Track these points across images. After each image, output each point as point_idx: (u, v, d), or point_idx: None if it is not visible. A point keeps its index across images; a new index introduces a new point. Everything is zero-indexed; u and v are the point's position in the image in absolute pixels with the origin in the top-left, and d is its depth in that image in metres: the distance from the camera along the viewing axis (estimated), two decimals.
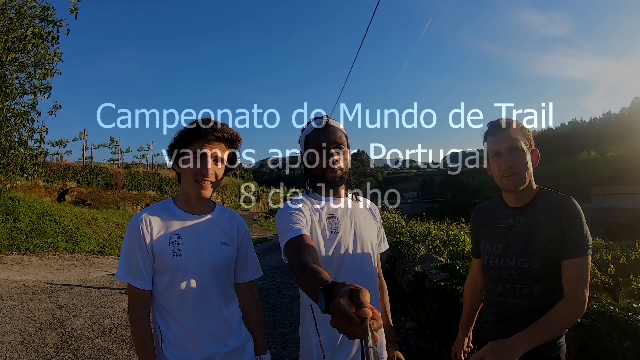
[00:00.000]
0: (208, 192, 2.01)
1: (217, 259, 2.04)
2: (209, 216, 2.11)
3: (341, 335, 1.91)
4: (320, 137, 2.09)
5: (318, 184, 2.16)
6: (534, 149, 2.16)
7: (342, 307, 1.00)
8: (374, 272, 2.18)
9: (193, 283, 1.95)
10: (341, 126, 2.17)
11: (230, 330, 2.07)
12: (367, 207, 2.34)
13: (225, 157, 2.06)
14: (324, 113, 2.26)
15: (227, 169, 2.12)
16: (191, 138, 1.98)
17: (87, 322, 6.33)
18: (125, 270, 1.93)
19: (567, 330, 2.01)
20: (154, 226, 1.96)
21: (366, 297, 1.03)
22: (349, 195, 2.27)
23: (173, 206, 2.07)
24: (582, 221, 1.96)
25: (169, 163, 2.13)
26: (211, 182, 2.00)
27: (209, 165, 1.97)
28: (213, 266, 2.01)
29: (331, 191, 2.16)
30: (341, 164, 2.09)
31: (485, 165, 2.25)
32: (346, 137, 2.16)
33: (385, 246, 2.43)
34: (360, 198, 2.33)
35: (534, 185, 2.16)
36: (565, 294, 1.93)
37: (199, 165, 1.96)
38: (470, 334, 2.50)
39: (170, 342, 1.95)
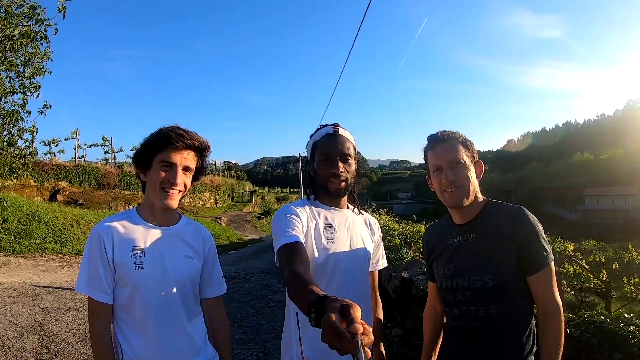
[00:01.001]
0: (175, 202, 1.93)
1: (181, 272, 1.94)
2: (173, 228, 2.02)
3: (326, 348, 1.88)
4: (329, 146, 2.06)
5: (321, 193, 2.12)
6: (477, 160, 2.06)
7: (333, 322, 0.97)
8: (366, 287, 2.14)
9: (155, 297, 1.85)
10: (351, 137, 2.13)
11: (195, 347, 1.96)
12: (368, 222, 2.30)
13: (194, 166, 1.97)
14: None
15: (194, 178, 2.03)
16: (160, 145, 1.88)
17: (69, 326, 6.22)
18: (86, 282, 1.81)
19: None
20: (116, 237, 1.85)
21: (357, 312, 1.01)
22: (351, 207, 2.22)
23: (136, 216, 1.97)
24: (537, 231, 1.88)
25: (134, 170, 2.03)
26: (179, 192, 1.93)
27: (179, 174, 1.89)
28: (176, 280, 1.91)
29: (333, 201, 2.12)
30: (346, 176, 2.05)
31: (428, 182, 2.14)
32: (354, 149, 2.12)
33: (383, 263, 2.38)
34: (363, 212, 2.30)
35: (481, 198, 2.05)
36: (541, 309, 1.88)
37: (167, 174, 1.88)
38: None
39: (130, 358, 1.83)
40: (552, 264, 1.88)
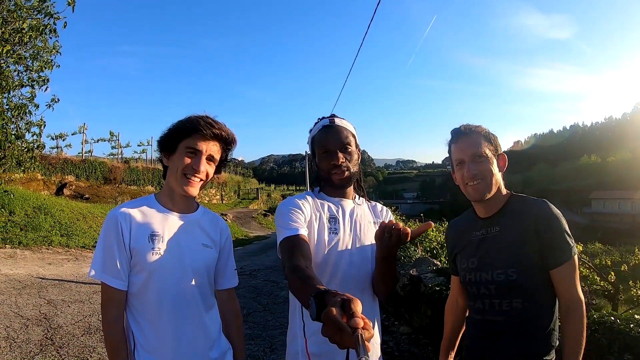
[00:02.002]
0: (195, 189, 1.88)
1: (198, 261, 1.90)
2: (191, 216, 1.98)
3: (332, 344, 1.85)
4: (326, 138, 2.01)
5: (326, 185, 2.08)
6: (501, 153, 2.03)
7: (334, 316, 0.98)
8: (370, 278, 2.05)
9: (172, 285, 1.81)
10: (349, 125, 2.08)
11: (210, 339, 1.93)
12: (375, 209, 2.22)
13: (218, 157, 1.94)
14: (328, 112, 2.14)
15: (216, 170, 1.99)
16: (188, 131, 1.85)
17: (74, 318, 6.23)
18: (101, 268, 1.76)
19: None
20: (133, 221, 1.80)
21: (358, 306, 1.01)
22: (357, 197, 2.16)
23: (155, 202, 1.92)
24: (561, 224, 1.85)
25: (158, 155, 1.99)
26: (200, 180, 1.89)
27: (202, 162, 1.85)
28: (194, 268, 1.88)
29: (338, 192, 2.07)
30: (348, 166, 2.00)
31: (452, 175, 2.13)
32: (354, 137, 2.07)
33: None
34: (371, 201, 2.24)
35: (504, 192, 2.03)
36: (563, 304, 1.86)
37: (191, 161, 1.84)
38: None
39: (143, 348, 1.79)
40: (576, 257, 1.85)
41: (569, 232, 1.86)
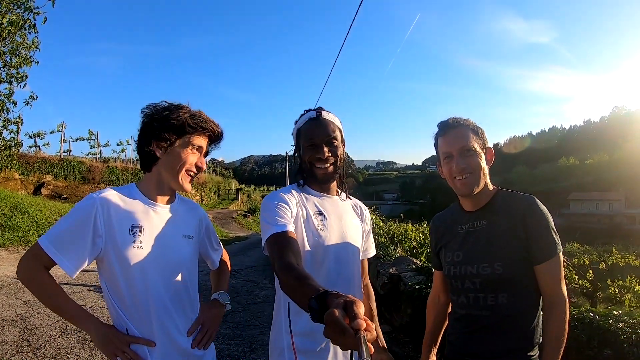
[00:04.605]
0: (191, 186, 1.90)
1: (181, 253, 1.87)
2: (172, 206, 1.93)
3: (316, 339, 1.85)
4: (312, 131, 2.01)
5: (309, 179, 2.07)
6: (488, 147, 2.03)
7: (337, 318, 0.98)
8: (355, 275, 2.07)
9: (157, 280, 1.76)
10: (335, 119, 2.07)
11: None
12: (357, 208, 2.25)
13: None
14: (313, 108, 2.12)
15: None
16: (195, 128, 1.82)
17: (51, 319, 6.11)
18: (52, 241, 1.65)
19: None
20: (113, 212, 1.71)
21: (360, 308, 1.01)
22: (340, 193, 2.17)
23: (137, 192, 1.84)
24: (548, 220, 1.86)
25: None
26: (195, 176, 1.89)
27: (204, 161, 1.87)
28: (176, 261, 1.84)
29: (322, 187, 2.07)
30: (332, 161, 2.00)
31: (437, 169, 2.13)
32: (340, 132, 2.07)
33: (372, 251, 2.34)
34: (351, 197, 2.24)
35: (491, 187, 2.03)
36: (547, 300, 1.86)
37: (194, 158, 1.84)
38: (434, 357, 2.32)
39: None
40: (561, 254, 1.87)
41: (554, 228, 1.87)
